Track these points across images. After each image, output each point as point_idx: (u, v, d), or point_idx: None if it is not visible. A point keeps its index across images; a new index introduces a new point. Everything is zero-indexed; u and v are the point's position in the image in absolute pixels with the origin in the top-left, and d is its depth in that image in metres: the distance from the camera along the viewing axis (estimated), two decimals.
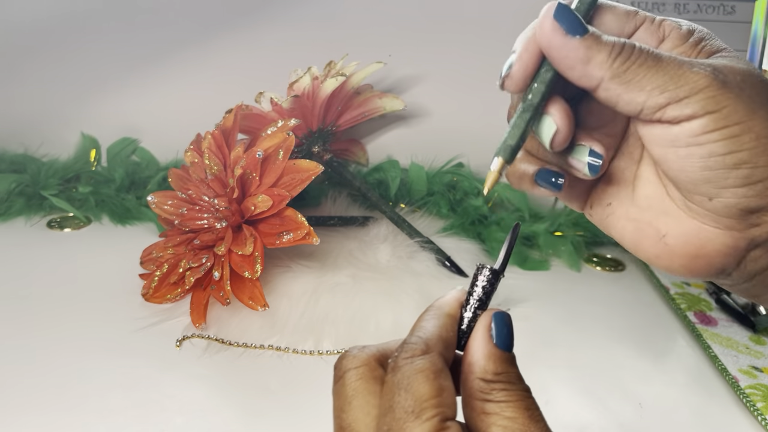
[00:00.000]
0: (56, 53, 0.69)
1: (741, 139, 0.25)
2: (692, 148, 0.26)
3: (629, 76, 0.26)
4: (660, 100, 0.25)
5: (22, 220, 0.62)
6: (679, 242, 0.28)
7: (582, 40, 0.26)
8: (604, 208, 0.31)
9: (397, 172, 0.65)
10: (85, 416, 0.38)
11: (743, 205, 0.26)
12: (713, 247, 0.27)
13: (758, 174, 0.25)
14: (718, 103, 0.25)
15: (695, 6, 0.62)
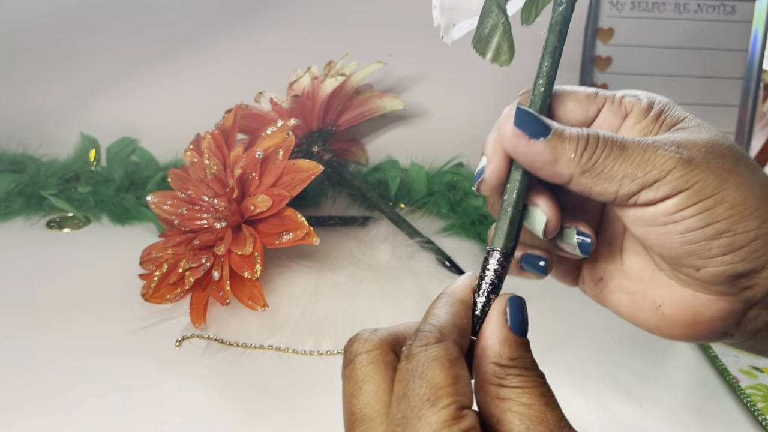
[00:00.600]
0: (56, 53, 0.69)
1: (716, 210, 0.26)
2: (669, 225, 0.26)
3: (598, 169, 0.26)
4: (632, 188, 0.26)
5: (21, 220, 0.62)
6: (676, 311, 0.28)
7: (546, 141, 0.26)
8: (597, 284, 0.31)
9: (397, 172, 0.65)
10: (85, 416, 0.38)
11: (731, 272, 0.26)
12: (710, 312, 0.27)
13: (740, 240, 0.26)
14: (688, 181, 0.25)
15: (695, 6, 0.62)
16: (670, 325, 0.28)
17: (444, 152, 0.66)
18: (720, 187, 0.26)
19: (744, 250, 0.26)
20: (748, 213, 0.26)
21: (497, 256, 0.26)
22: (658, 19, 0.63)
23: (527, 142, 0.26)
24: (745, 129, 0.62)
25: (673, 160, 0.25)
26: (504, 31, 0.30)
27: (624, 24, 0.63)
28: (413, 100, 0.68)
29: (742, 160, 0.27)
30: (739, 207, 0.25)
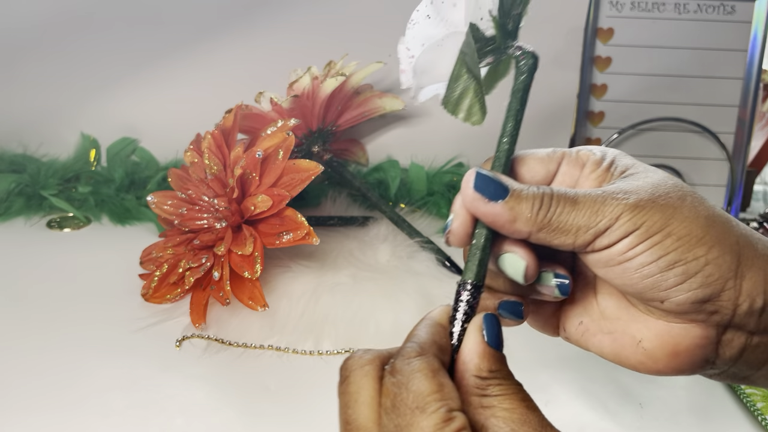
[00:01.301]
0: (56, 53, 0.69)
1: (664, 243, 0.28)
2: (625, 264, 0.28)
3: (553, 225, 0.28)
4: (587, 237, 0.28)
5: (21, 220, 0.62)
6: (656, 345, 0.30)
7: (504, 203, 0.28)
8: (577, 328, 0.32)
9: (397, 172, 0.65)
10: (85, 416, 0.38)
11: (692, 299, 0.28)
12: (688, 341, 0.29)
13: (692, 267, 0.28)
14: (636, 223, 0.28)
15: (695, 6, 0.62)
16: (654, 359, 0.30)
17: (444, 152, 0.66)
18: (666, 223, 0.28)
19: (699, 276, 0.28)
20: (695, 242, 0.28)
21: (469, 288, 0.28)
22: (658, 19, 0.63)
23: (486, 205, 0.28)
24: (745, 129, 0.62)
25: (621, 206, 0.28)
26: (475, 93, 0.32)
27: (624, 24, 0.63)
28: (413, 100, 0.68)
29: (687, 196, 0.29)
30: (686, 237, 0.28)
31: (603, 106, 0.65)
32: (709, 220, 0.28)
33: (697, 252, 0.28)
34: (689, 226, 0.28)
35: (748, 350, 0.29)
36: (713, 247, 0.28)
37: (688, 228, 0.28)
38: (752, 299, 0.28)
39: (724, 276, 0.28)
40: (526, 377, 0.44)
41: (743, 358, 0.29)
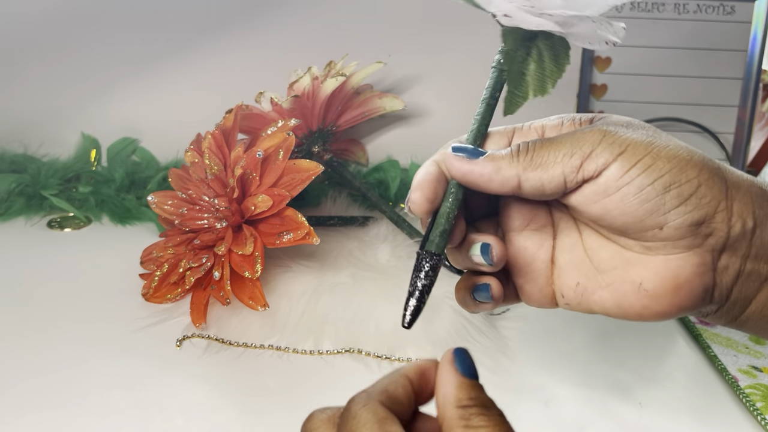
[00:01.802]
0: (56, 53, 0.69)
1: (656, 165, 0.28)
2: (623, 189, 0.29)
3: (537, 160, 0.29)
4: (574, 162, 0.29)
5: (22, 220, 0.62)
6: (656, 282, 0.30)
7: (485, 158, 0.30)
8: (575, 290, 0.32)
9: (397, 172, 0.65)
10: (85, 416, 0.38)
11: (690, 221, 0.28)
12: (686, 271, 0.29)
13: (687, 189, 0.28)
14: (620, 145, 0.29)
15: (695, 6, 0.62)
16: (657, 299, 0.30)
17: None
18: (650, 147, 0.29)
19: (693, 197, 0.28)
20: (684, 164, 0.28)
21: (432, 259, 0.29)
22: (657, 19, 0.63)
23: (468, 163, 0.30)
24: (745, 129, 0.62)
25: (600, 132, 0.29)
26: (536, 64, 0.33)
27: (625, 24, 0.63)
28: (413, 100, 0.68)
29: (662, 133, 0.30)
30: (675, 160, 0.28)
31: (603, 105, 0.65)
32: (689, 149, 0.29)
33: (689, 173, 0.28)
34: (674, 150, 0.29)
35: (742, 277, 0.30)
36: (703, 170, 0.28)
37: (674, 151, 0.29)
38: (743, 220, 0.29)
39: (716, 197, 0.28)
40: (527, 377, 0.44)
41: (738, 287, 0.30)
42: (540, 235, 0.33)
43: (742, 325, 0.31)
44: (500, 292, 0.32)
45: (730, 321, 0.31)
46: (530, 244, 0.33)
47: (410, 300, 0.29)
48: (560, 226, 0.33)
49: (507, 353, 0.46)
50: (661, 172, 0.28)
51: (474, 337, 0.46)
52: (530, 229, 0.33)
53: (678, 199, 0.28)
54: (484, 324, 0.48)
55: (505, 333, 0.48)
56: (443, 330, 0.46)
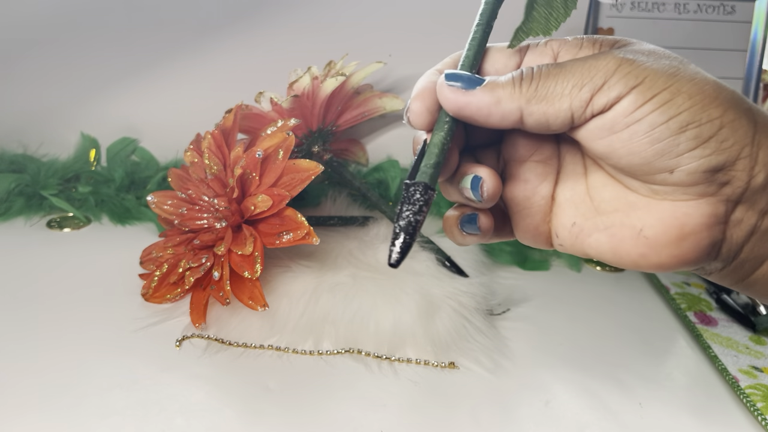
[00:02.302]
0: (56, 53, 0.69)
1: (675, 102, 0.25)
2: (633, 126, 0.25)
3: (542, 91, 0.26)
4: (584, 95, 0.25)
5: (21, 220, 0.62)
6: (659, 230, 0.27)
7: (482, 88, 0.26)
8: (570, 230, 0.29)
9: (397, 172, 0.65)
10: (85, 416, 0.38)
11: (705, 166, 0.25)
12: (694, 221, 0.26)
13: (706, 131, 0.25)
14: (637, 76, 0.25)
15: (695, 6, 0.62)
16: (656, 248, 0.27)
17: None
18: (672, 79, 0.25)
19: (713, 140, 0.25)
20: (708, 101, 0.25)
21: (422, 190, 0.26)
22: (657, 19, 0.63)
23: (465, 94, 0.26)
24: None
25: (616, 59, 0.25)
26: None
27: (624, 24, 0.63)
28: None
29: (690, 63, 0.26)
30: (698, 96, 0.25)
31: None
32: (718, 83, 0.25)
33: (711, 113, 0.25)
34: (699, 84, 0.25)
35: (756, 234, 0.26)
36: (729, 110, 0.25)
37: (699, 86, 0.25)
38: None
39: (740, 141, 0.25)
40: (527, 377, 0.44)
41: (750, 244, 0.27)
42: (543, 168, 0.30)
43: (749, 287, 0.28)
44: (489, 225, 0.29)
45: (736, 282, 0.28)
46: (532, 176, 0.30)
47: (399, 235, 0.26)
48: (566, 159, 0.30)
49: (507, 353, 0.46)
50: (679, 109, 0.25)
51: (474, 337, 0.46)
52: (534, 160, 0.30)
53: (695, 141, 0.25)
54: (484, 324, 0.47)
55: (504, 333, 0.48)
56: (443, 330, 0.46)
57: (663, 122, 0.25)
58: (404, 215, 0.26)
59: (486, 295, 0.50)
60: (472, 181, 0.28)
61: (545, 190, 0.30)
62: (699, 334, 0.48)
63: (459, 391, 0.42)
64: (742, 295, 0.52)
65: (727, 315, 0.51)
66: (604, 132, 0.26)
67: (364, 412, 0.39)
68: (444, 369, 0.44)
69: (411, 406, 0.40)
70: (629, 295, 0.55)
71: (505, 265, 0.59)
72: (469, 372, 0.43)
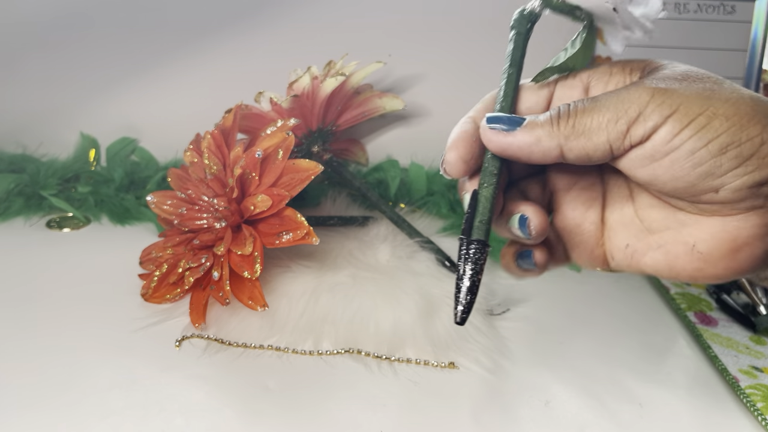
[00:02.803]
0: (56, 53, 0.69)
1: (712, 125, 0.25)
2: (673, 154, 0.26)
3: (579, 127, 0.27)
4: (620, 128, 0.26)
5: (21, 220, 0.62)
6: (712, 245, 0.27)
7: (523, 128, 0.28)
8: (625, 252, 0.31)
9: (397, 171, 0.65)
10: (85, 416, 0.38)
11: (750, 182, 0.26)
12: (746, 233, 0.27)
13: (747, 149, 0.25)
14: (671, 105, 0.25)
15: (695, 6, 0.62)
16: (712, 263, 0.28)
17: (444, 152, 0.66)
18: (707, 103, 0.25)
19: (754, 157, 0.25)
20: (747, 120, 0.25)
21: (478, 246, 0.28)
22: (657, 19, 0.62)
23: (506, 135, 0.28)
24: None
25: (648, 90, 0.26)
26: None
27: None
28: (413, 100, 0.68)
29: (725, 82, 0.27)
30: (735, 117, 0.25)
31: None
32: (755, 99, 0.26)
33: (750, 131, 0.25)
34: (735, 104, 0.25)
35: None
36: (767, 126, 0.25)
37: (735, 107, 0.25)
38: None
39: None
40: (526, 376, 0.44)
41: None
42: (589, 194, 0.31)
43: None
44: (544, 259, 0.30)
45: None
46: (579, 204, 0.31)
47: (461, 293, 0.27)
48: (610, 183, 0.31)
49: (506, 353, 0.46)
50: (717, 132, 0.25)
51: (473, 337, 0.46)
52: (579, 187, 0.31)
53: (736, 160, 0.25)
54: (484, 324, 0.47)
55: (504, 333, 0.48)
56: (443, 330, 0.46)
57: (703, 146, 0.25)
58: (467, 275, 0.28)
59: (486, 295, 0.50)
60: (519, 220, 0.30)
61: (594, 215, 0.31)
62: (699, 334, 0.48)
63: (459, 391, 0.42)
64: (742, 295, 0.52)
65: (727, 315, 0.51)
66: (646, 161, 0.27)
67: (364, 412, 0.39)
68: (444, 369, 0.44)
69: (411, 406, 0.40)
70: (629, 295, 0.55)
71: None
72: (469, 372, 0.43)
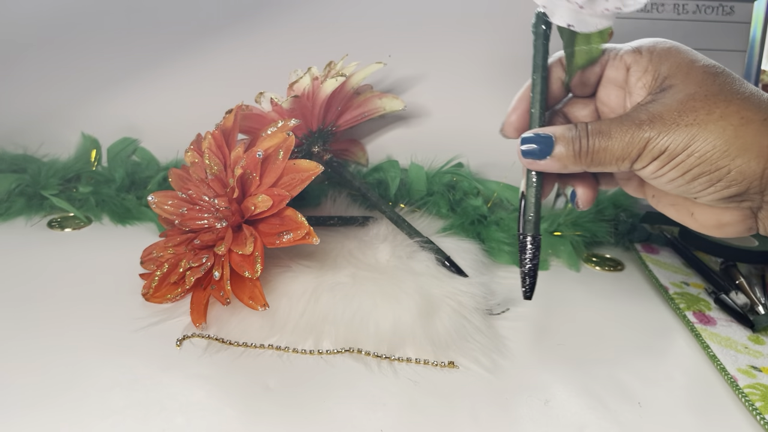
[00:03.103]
0: (56, 53, 0.69)
1: (687, 162, 0.33)
2: (657, 179, 0.35)
3: (596, 161, 0.35)
4: (625, 165, 0.35)
5: (22, 220, 0.62)
6: (704, 218, 0.36)
7: (551, 158, 0.35)
8: (652, 198, 0.39)
9: (397, 172, 0.65)
10: (85, 416, 0.38)
11: (719, 197, 0.33)
12: (729, 218, 0.35)
13: (716, 176, 0.32)
14: (661, 147, 0.33)
15: (694, 6, 0.62)
16: (705, 227, 0.36)
17: (444, 152, 0.66)
18: (689, 143, 0.32)
19: (722, 181, 0.33)
20: (718, 156, 0.32)
21: (534, 241, 0.37)
22: (657, 19, 0.63)
23: (539, 163, 0.36)
24: None
25: (646, 137, 0.33)
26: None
27: (624, 24, 0.63)
28: (413, 100, 0.68)
29: (718, 105, 0.32)
30: (708, 153, 0.32)
31: None
32: (739, 130, 0.32)
33: (719, 164, 0.32)
34: (713, 141, 0.32)
35: None
36: (737, 157, 0.32)
37: (712, 144, 0.32)
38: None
39: (749, 178, 0.32)
40: (526, 376, 0.44)
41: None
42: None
43: None
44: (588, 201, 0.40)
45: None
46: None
47: (527, 279, 0.38)
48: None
49: (506, 353, 0.46)
50: (691, 167, 0.33)
51: (473, 336, 0.46)
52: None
53: (706, 184, 0.33)
54: (483, 323, 0.48)
55: (503, 332, 0.48)
56: (443, 329, 0.46)
57: (678, 176, 0.33)
58: (526, 262, 0.38)
59: (485, 295, 0.50)
60: (571, 195, 0.39)
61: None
62: (698, 333, 0.48)
63: (458, 390, 0.42)
64: (740, 294, 0.52)
65: (725, 314, 0.51)
66: (642, 177, 0.36)
67: (364, 411, 0.39)
68: (443, 368, 0.44)
69: (410, 406, 0.40)
70: (628, 295, 0.55)
71: (505, 264, 0.59)
72: (469, 371, 0.44)
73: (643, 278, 0.58)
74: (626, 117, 0.34)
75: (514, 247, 0.59)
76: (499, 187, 0.63)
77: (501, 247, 0.59)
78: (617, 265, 0.60)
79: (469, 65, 0.68)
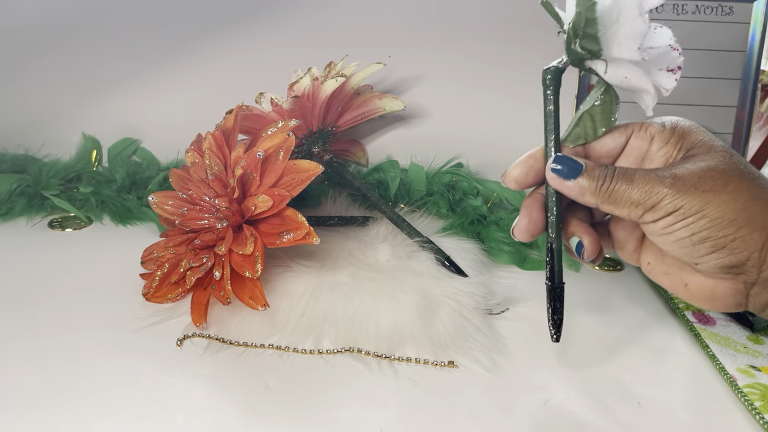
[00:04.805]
0: (57, 53, 0.69)
1: (698, 224, 0.35)
2: (665, 236, 0.36)
3: (614, 199, 0.36)
4: (638, 212, 0.36)
5: (23, 220, 0.63)
6: (696, 289, 0.38)
7: (574, 182, 0.37)
8: (646, 266, 0.41)
9: (397, 172, 0.65)
10: (86, 415, 0.38)
11: (720, 265, 0.35)
12: (721, 290, 0.37)
13: (720, 243, 0.35)
14: (676, 205, 0.35)
15: (693, 7, 0.62)
16: (696, 299, 0.38)
17: (443, 152, 0.66)
18: (703, 207, 0.34)
19: (726, 248, 0.35)
20: (726, 223, 0.34)
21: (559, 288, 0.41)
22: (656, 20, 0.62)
23: (562, 183, 0.37)
24: (743, 130, 0.62)
25: (667, 188, 0.35)
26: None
27: None
28: (413, 101, 0.68)
29: (733, 180, 0.35)
30: (718, 219, 0.34)
31: None
32: (747, 204, 0.34)
33: (726, 231, 0.34)
34: (724, 210, 0.34)
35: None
36: (743, 227, 0.34)
37: (723, 211, 0.34)
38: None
39: (750, 249, 0.34)
40: (526, 376, 0.44)
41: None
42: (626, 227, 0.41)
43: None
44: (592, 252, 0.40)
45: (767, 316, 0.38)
46: (629, 224, 0.41)
47: (556, 322, 0.41)
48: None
49: (506, 352, 0.46)
50: (700, 229, 0.35)
51: (473, 336, 0.46)
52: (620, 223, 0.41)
53: (711, 249, 0.35)
54: (483, 323, 0.48)
55: (503, 332, 0.48)
56: (443, 329, 0.46)
57: (686, 237, 0.35)
58: (555, 308, 0.41)
59: (485, 295, 0.50)
60: (577, 245, 0.40)
61: (639, 233, 0.41)
62: (697, 333, 0.48)
63: (458, 390, 0.42)
64: None
65: (725, 314, 0.51)
66: (648, 232, 0.37)
67: (364, 410, 0.40)
68: (443, 368, 0.44)
69: (410, 405, 0.40)
70: (627, 295, 0.55)
71: (504, 264, 0.59)
72: (469, 371, 0.44)
73: (642, 278, 0.58)
74: (652, 171, 0.36)
75: (514, 246, 0.59)
76: (499, 188, 0.63)
77: (500, 247, 0.59)
78: (616, 266, 0.60)
79: (468, 66, 0.68)
